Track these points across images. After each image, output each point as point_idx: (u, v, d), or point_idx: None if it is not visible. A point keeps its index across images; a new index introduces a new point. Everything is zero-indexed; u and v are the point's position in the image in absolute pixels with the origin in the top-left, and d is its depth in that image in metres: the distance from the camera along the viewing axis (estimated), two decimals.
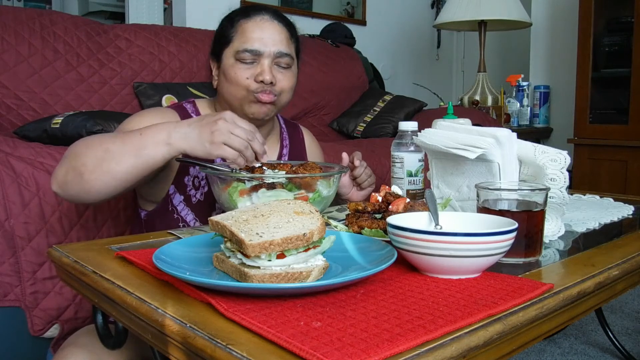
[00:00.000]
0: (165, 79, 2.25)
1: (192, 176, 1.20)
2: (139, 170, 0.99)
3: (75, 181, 0.98)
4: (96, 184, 0.98)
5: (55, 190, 1.02)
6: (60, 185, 1.00)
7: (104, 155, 0.97)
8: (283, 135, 1.37)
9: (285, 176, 1.01)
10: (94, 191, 0.99)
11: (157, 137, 0.98)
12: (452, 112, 1.43)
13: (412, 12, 4.14)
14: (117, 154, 0.97)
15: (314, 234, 0.68)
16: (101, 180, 0.97)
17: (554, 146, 0.95)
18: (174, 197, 1.19)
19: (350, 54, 3.06)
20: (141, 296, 0.67)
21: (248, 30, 1.17)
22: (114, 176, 0.98)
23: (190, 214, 1.20)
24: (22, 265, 1.32)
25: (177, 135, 0.97)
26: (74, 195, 1.01)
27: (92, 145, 0.99)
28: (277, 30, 1.19)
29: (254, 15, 1.19)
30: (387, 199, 0.96)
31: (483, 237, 0.70)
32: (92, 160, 0.97)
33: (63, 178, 1.00)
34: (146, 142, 0.97)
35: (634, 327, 2.04)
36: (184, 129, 0.98)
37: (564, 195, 0.92)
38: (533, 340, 0.68)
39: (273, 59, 1.17)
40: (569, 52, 3.13)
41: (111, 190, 1.00)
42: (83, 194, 1.00)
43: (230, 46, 1.18)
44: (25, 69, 1.92)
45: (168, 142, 0.97)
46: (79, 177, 0.98)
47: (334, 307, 0.61)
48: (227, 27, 1.20)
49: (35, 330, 1.34)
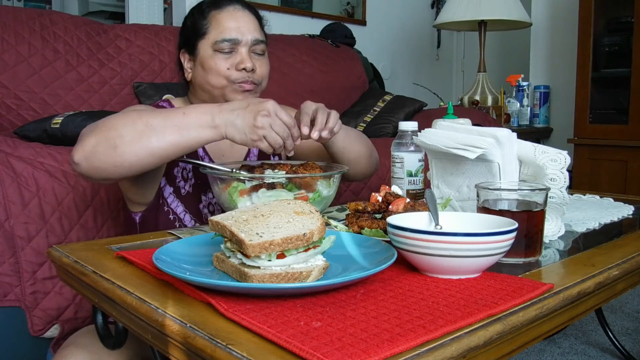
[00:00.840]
0: (165, 79, 2.25)
1: (180, 167, 1.21)
2: (179, 149, 0.98)
3: (106, 153, 0.94)
4: (130, 157, 0.95)
5: (78, 160, 0.96)
6: (87, 155, 0.95)
7: (144, 129, 0.95)
8: None
9: (285, 176, 1.01)
10: (126, 165, 0.96)
11: (202, 119, 0.97)
12: (452, 112, 1.43)
13: (412, 12, 4.14)
14: (159, 129, 0.95)
15: (314, 234, 0.68)
16: (137, 154, 0.95)
17: (554, 146, 0.95)
18: (165, 189, 1.20)
19: (350, 54, 3.06)
20: (141, 296, 0.67)
21: (223, 20, 1.19)
22: (151, 152, 0.96)
23: (180, 206, 1.21)
24: (22, 265, 1.32)
25: (221, 120, 0.97)
26: (99, 167, 0.96)
27: (132, 118, 0.96)
28: (250, 19, 1.22)
29: (225, 6, 1.21)
30: (387, 199, 0.96)
31: (483, 237, 0.70)
32: (131, 132, 0.94)
33: (92, 148, 0.95)
34: (190, 122, 0.97)
35: (634, 327, 2.04)
36: (227, 115, 0.98)
37: (564, 195, 0.92)
38: (533, 340, 0.68)
39: (250, 47, 1.20)
40: (569, 52, 3.13)
41: (143, 166, 0.97)
42: (110, 167, 0.96)
43: (206, 38, 1.19)
44: (25, 69, 1.92)
45: (213, 126, 0.97)
46: (112, 150, 0.94)
47: (334, 307, 0.61)
48: (199, 19, 1.21)
49: (35, 330, 1.34)
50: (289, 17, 3.30)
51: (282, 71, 2.59)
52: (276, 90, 2.43)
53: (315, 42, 2.94)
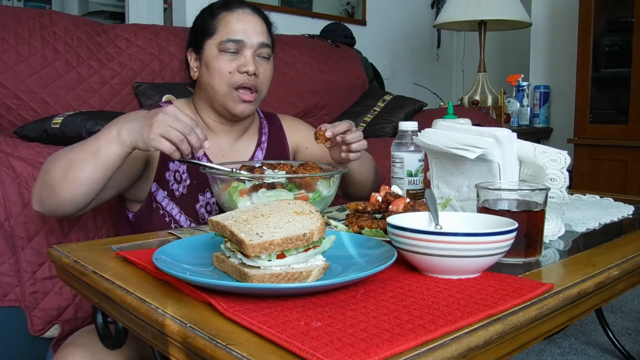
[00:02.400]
0: (165, 79, 2.24)
1: (172, 171, 1.21)
2: (101, 172, 0.99)
3: (49, 195, 1.01)
4: (67, 194, 0.99)
5: (36, 209, 1.05)
6: (38, 201, 1.03)
7: (67, 165, 0.99)
8: (262, 125, 1.38)
9: (285, 176, 1.01)
10: (67, 202, 1.00)
11: (109, 135, 0.99)
12: (452, 112, 1.43)
13: (412, 12, 4.14)
14: (78, 161, 0.98)
15: (314, 234, 0.68)
16: (69, 190, 0.99)
17: (554, 146, 0.95)
18: (157, 194, 1.20)
19: (350, 54, 3.06)
20: (141, 296, 0.67)
21: (231, 22, 1.20)
22: (79, 183, 0.99)
23: (175, 208, 1.21)
24: (22, 265, 1.32)
25: (125, 130, 0.98)
26: (51, 209, 1.03)
27: (58, 157, 1.01)
28: (258, 23, 1.23)
29: (235, 9, 1.22)
30: (387, 199, 0.96)
31: (483, 237, 0.70)
32: (59, 171, 0.99)
33: (39, 194, 1.03)
34: (100, 144, 0.98)
35: (634, 327, 2.04)
36: (132, 124, 0.98)
37: (564, 195, 0.92)
38: (533, 340, 0.68)
39: (255, 51, 1.21)
40: (569, 52, 3.13)
41: (81, 198, 1.01)
42: (58, 207, 1.02)
43: (213, 37, 1.21)
44: (25, 69, 1.92)
45: (119, 140, 0.98)
46: (51, 192, 1.00)
47: (334, 307, 0.61)
48: (209, 19, 1.23)
49: (35, 330, 1.34)
50: (289, 17, 3.30)
51: (282, 71, 2.59)
52: (276, 90, 2.43)
53: (315, 42, 2.94)
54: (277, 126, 1.41)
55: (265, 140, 1.36)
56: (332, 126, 1.13)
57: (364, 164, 1.29)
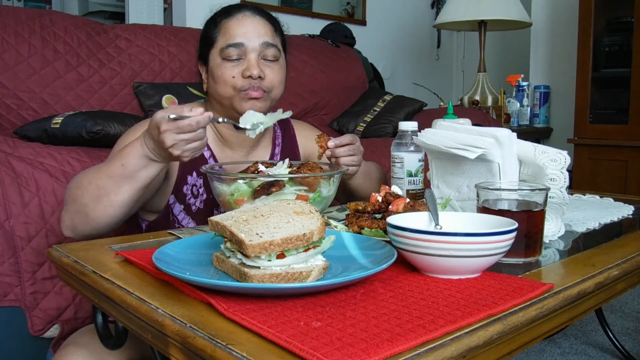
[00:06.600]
0: (165, 79, 2.25)
1: (190, 185, 1.19)
2: (139, 192, 1.00)
3: (83, 222, 1.01)
4: (103, 219, 1.00)
5: (69, 235, 1.04)
6: (71, 229, 1.03)
7: (99, 193, 0.99)
8: (276, 134, 1.35)
9: (287, 175, 1.01)
10: (104, 224, 1.01)
11: (141, 162, 0.98)
12: (452, 112, 1.43)
13: (412, 12, 4.14)
14: (111, 187, 0.98)
15: (314, 234, 0.68)
16: (106, 214, 1.00)
17: (554, 146, 0.95)
18: (174, 207, 1.18)
19: (350, 54, 3.06)
20: (141, 296, 0.67)
21: (231, 27, 1.16)
22: (118, 205, 0.99)
23: (191, 223, 1.20)
24: (22, 265, 1.32)
25: (150, 153, 0.97)
26: (86, 234, 1.03)
27: (84, 186, 1.01)
28: (260, 24, 1.19)
29: (235, 13, 1.19)
30: (387, 199, 0.96)
31: (483, 237, 0.70)
32: (91, 199, 0.99)
33: (71, 222, 1.02)
34: (131, 169, 0.98)
35: (634, 327, 2.04)
36: (148, 147, 0.97)
37: (564, 195, 0.92)
38: (533, 340, 0.68)
39: (259, 53, 1.16)
40: (569, 52, 3.13)
41: (119, 218, 1.02)
42: (94, 231, 1.02)
43: (215, 46, 1.17)
44: (25, 69, 1.92)
45: (153, 159, 0.98)
46: (85, 218, 1.00)
47: (334, 307, 0.61)
48: (211, 29, 1.20)
49: (35, 330, 1.34)
50: (289, 17, 3.30)
51: None
52: None
53: (315, 42, 2.94)
54: (290, 134, 1.38)
55: (279, 152, 1.33)
56: (338, 139, 1.13)
57: (369, 178, 1.29)
